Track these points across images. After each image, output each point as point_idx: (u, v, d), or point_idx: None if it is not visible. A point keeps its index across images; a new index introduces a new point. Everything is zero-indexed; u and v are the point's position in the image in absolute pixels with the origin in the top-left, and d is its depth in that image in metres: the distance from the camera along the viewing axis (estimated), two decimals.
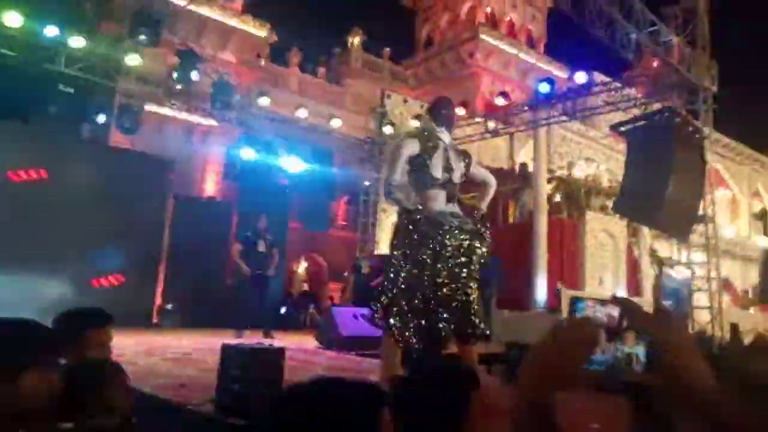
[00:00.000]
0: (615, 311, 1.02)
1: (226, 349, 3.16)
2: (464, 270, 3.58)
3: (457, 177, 3.78)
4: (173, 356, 5.85)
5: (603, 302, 1.05)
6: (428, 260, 3.51)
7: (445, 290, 3.53)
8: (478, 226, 3.72)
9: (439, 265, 3.52)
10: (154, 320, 9.99)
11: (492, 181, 4.04)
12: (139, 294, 9.84)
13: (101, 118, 9.72)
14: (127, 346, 6.16)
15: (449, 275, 3.54)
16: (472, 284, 3.61)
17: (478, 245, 3.66)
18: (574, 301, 1.11)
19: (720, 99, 9.30)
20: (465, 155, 3.96)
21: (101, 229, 9.26)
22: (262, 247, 9.01)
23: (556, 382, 0.92)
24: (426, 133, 3.84)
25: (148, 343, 6.98)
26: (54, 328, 1.95)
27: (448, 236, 3.56)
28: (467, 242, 3.63)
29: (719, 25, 10.28)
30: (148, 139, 13.11)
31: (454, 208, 3.77)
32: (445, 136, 3.82)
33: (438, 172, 3.67)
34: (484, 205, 3.92)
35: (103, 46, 9.54)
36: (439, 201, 3.67)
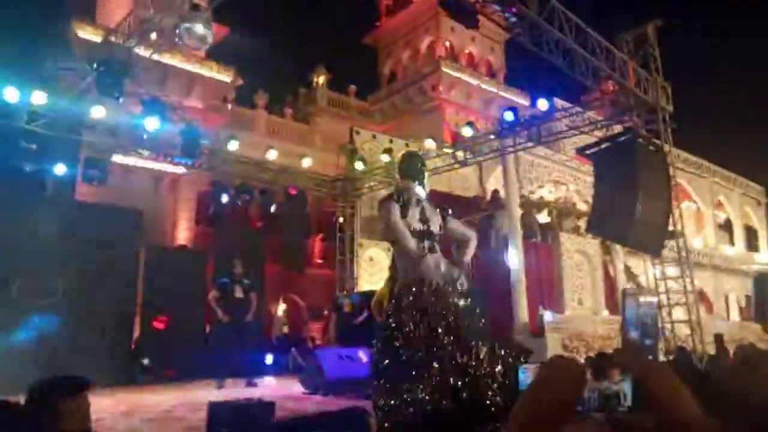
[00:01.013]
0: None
1: (213, 406, 3.04)
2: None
3: (435, 228, 3.78)
4: (155, 416, 5.63)
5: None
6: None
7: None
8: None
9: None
10: (131, 376, 9.63)
11: (472, 236, 4.00)
12: (114, 350, 9.48)
13: (60, 169, 9.52)
14: (104, 407, 5.92)
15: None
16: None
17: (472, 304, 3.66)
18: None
19: (677, 117, 9.67)
20: (442, 209, 3.96)
21: (70, 286, 8.99)
22: (238, 292, 8.87)
23: (548, 423, 0.92)
24: (400, 191, 3.84)
25: (126, 402, 6.72)
26: (27, 403, 1.86)
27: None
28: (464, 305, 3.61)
29: (670, 48, 10.77)
30: (115, 190, 12.89)
31: (435, 261, 3.71)
32: (419, 190, 3.85)
33: (415, 224, 3.68)
34: (466, 259, 3.88)
35: (66, 100, 9.43)
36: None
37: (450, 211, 3.97)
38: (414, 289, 3.51)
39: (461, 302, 3.62)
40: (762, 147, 41.64)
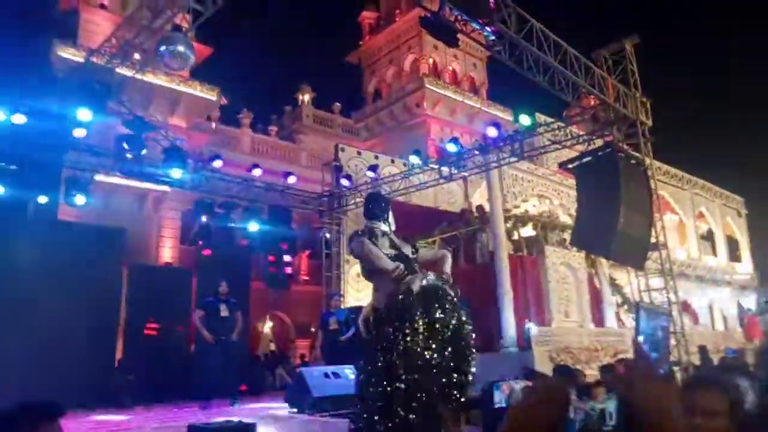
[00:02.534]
0: (519, 385, 1.08)
1: (193, 429, 3.00)
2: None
3: (408, 252, 3.84)
4: None
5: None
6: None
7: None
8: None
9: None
10: (112, 397, 9.44)
11: (444, 252, 4.10)
12: (96, 370, 9.31)
13: (43, 199, 9.40)
14: (85, 431, 5.80)
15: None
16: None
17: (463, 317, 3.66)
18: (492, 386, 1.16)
19: (656, 130, 9.86)
20: (410, 242, 4.04)
21: (53, 306, 8.84)
22: (224, 311, 8.79)
23: None
24: (366, 227, 3.94)
25: (108, 425, 6.59)
26: None
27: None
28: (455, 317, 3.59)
29: (648, 63, 11.01)
30: (98, 209, 12.77)
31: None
32: (384, 227, 3.93)
33: (387, 250, 3.75)
34: (446, 269, 3.85)
35: (47, 120, 9.36)
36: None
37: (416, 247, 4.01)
38: (401, 297, 3.46)
39: (452, 312, 3.58)
40: (739, 158, 42.50)
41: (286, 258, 14.31)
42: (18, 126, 8.73)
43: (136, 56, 8.50)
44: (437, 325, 3.44)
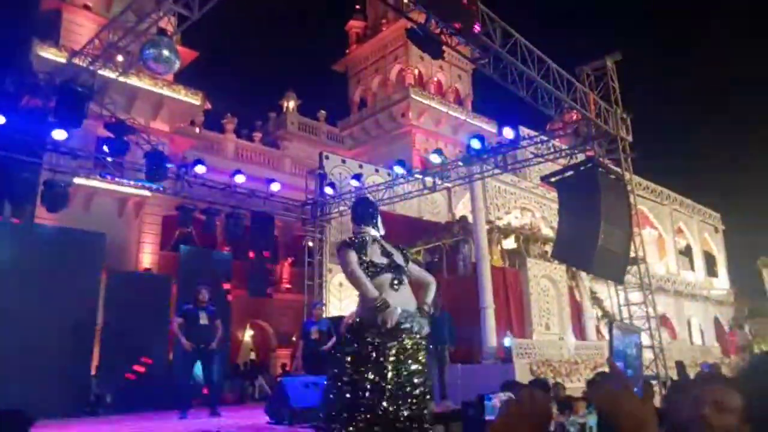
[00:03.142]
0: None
1: None
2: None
3: (400, 261, 3.70)
4: None
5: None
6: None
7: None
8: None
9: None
10: (88, 406, 9.25)
11: (431, 279, 3.91)
12: (72, 378, 9.11)
13: (19, 202, 9.21)
14: None
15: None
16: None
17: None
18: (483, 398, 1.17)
19: (636, 146, 10.00)
20: (402, 248, 3.88)
21: (28, 312, 8.65)
22: (204, 319, 8.66)
23: None
24: (355, 235, 3.79)
25: None
26: None
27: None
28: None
29: (630, 79, 11.20)
30: (77, 213, 12.57)
31: (405, 296, 3.63)
32: (372, 231, 3.80)
33: (377, 258, 3.62)
34: (428, 300, 3.77)
35: (26, 122, 9.20)
36: (386, 288, 3.53)
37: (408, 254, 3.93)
38: (378, 317, 3.43)
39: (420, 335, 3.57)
40: (717, 175, 43.39)
41: (268, 266, 14.21)
42: None
43: (120, 58, 8.40)
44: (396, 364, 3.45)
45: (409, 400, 3.38)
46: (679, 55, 57.53)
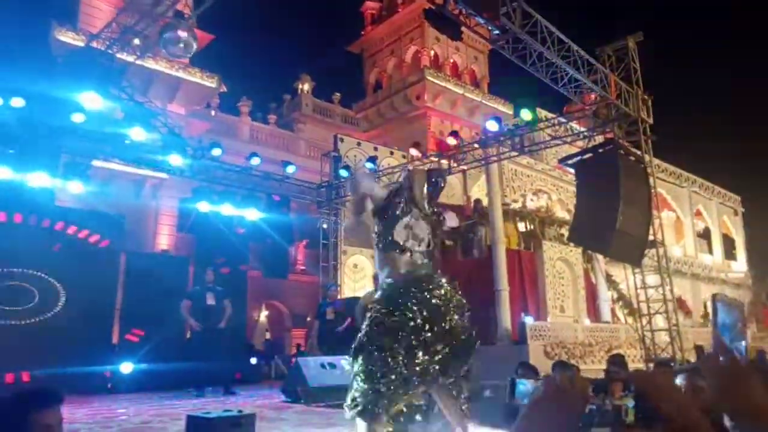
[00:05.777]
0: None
1: (192, 419, 3.00)
2: None
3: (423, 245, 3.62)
4: (132, 427, 5.53)
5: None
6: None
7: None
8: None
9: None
10: (108, 384, 9.47)
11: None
12: (92, 357, 9.32)
13: (41, 183, 9.31)
14: (79, 417, 5.82)
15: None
16: None
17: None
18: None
19: (657, 128, 9.83)
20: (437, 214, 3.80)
21: (47, 292, 8.83)
22: (210, 300, 8.81)
23: None
24: (399, 196, 3.64)
25: (102, 411, 6.60)
26: None
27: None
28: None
29: (650, 61, 10.97)
30: (96, 195, 12.70)
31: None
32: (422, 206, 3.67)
33: (401, 238, 3.52)
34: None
35: (46, 104, 9.29)
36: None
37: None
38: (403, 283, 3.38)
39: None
40: (737, 157, 42.58)
41: (283, 247, 14.31)
42: (16, 109, 8.68)
43: (137, 42, 8.43)
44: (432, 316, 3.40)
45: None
46: (701, 36, 56.18)
